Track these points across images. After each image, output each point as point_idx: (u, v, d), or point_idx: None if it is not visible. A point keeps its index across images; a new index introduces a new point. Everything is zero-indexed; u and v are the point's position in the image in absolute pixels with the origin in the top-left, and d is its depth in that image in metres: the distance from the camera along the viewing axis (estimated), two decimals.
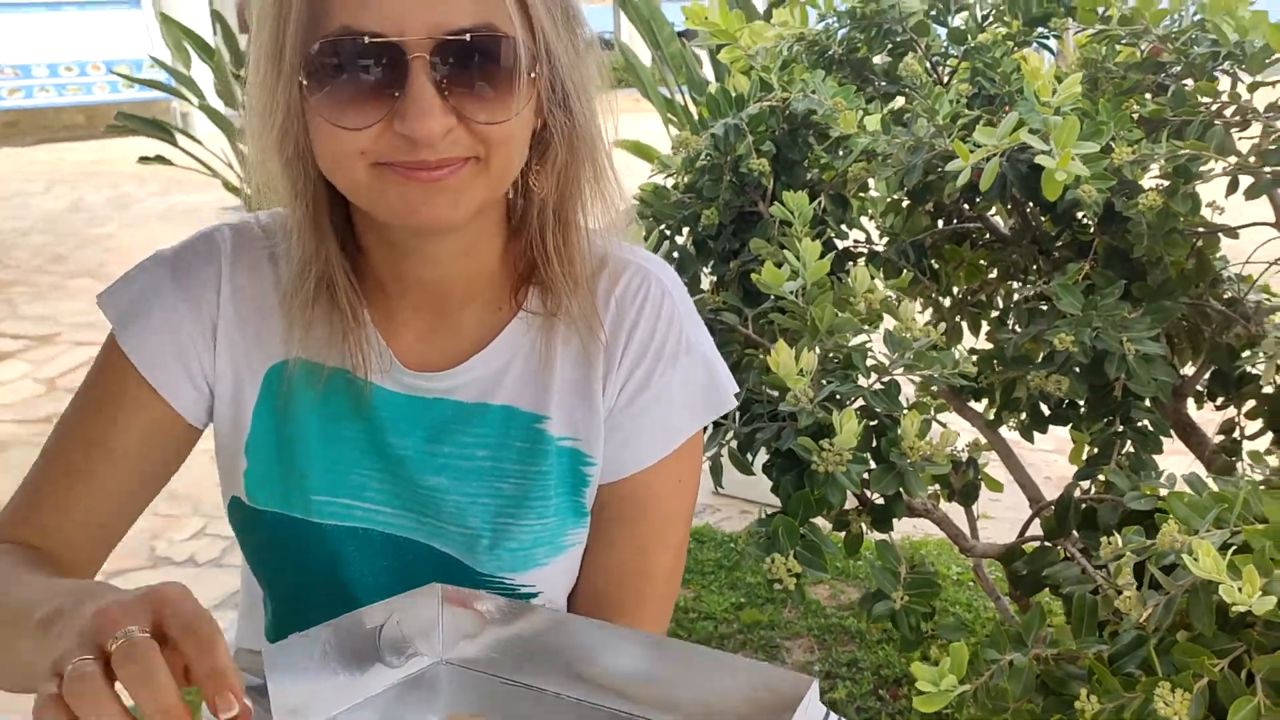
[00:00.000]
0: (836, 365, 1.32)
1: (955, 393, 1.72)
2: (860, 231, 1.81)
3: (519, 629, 0.68)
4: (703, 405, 0.89)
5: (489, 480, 0.86)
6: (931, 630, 1.37)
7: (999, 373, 1.61)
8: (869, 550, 1.38)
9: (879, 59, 1.89)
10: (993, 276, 1.90)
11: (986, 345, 1.76)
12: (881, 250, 1.80)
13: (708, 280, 1.76)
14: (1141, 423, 1.43)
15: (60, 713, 0.51)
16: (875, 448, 1.32)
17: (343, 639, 0.64)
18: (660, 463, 0.88)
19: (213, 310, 0.84)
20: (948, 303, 1.96)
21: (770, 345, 1.43)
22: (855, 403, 1.32)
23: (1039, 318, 1.52)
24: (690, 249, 1.74)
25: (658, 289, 0.88)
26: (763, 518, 1.24)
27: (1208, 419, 1.72)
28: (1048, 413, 1.57)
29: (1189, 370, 1.72)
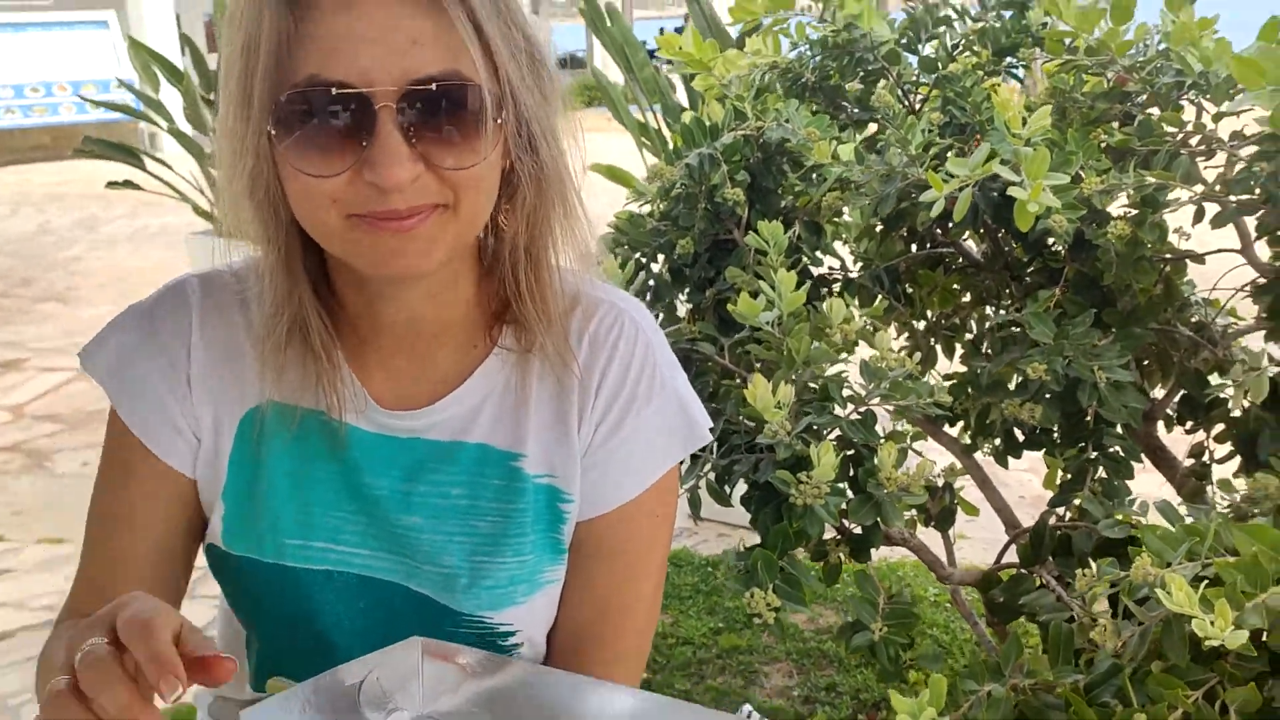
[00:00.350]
0: (813, 396, 1.33)
1: (930, 419, 1.73)
2: (835, 258, 1.82)
3: (499, 682, 0.68)
4: (678, 441, 0.90)
5: (466, 519, 0.86)
6: (910, 660, 1.37)
7: (973, 398, 1.63)
8: (849, 572, 1.39)
9: (852, 86, 1.90)
10: (966, 300, 1.92)
11: (961, 368, 1.78)
12: (856, 276, 1.82)
13: (683, 308, 1.76)
14: (1113, 449, 1.44)
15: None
16: (852, 477, 1.32)
17: (323, 696, 0.64)
18: (637, 498, 0.88)
19: (185, 363, 0.84)
20: (922, 326, 1.97)
21: (747, 375, 1.44)
22: (832, 433, 1.32)
23: (1012, 345, 1.54)
24: (666, 276, 1.75)
25: (631, 327, 0.88)
26: (741, 550, 1.25)
27: (1178, 440, 1.74)
28: (1022, 438, 1.59)
29: (1159, 393, 1.74)
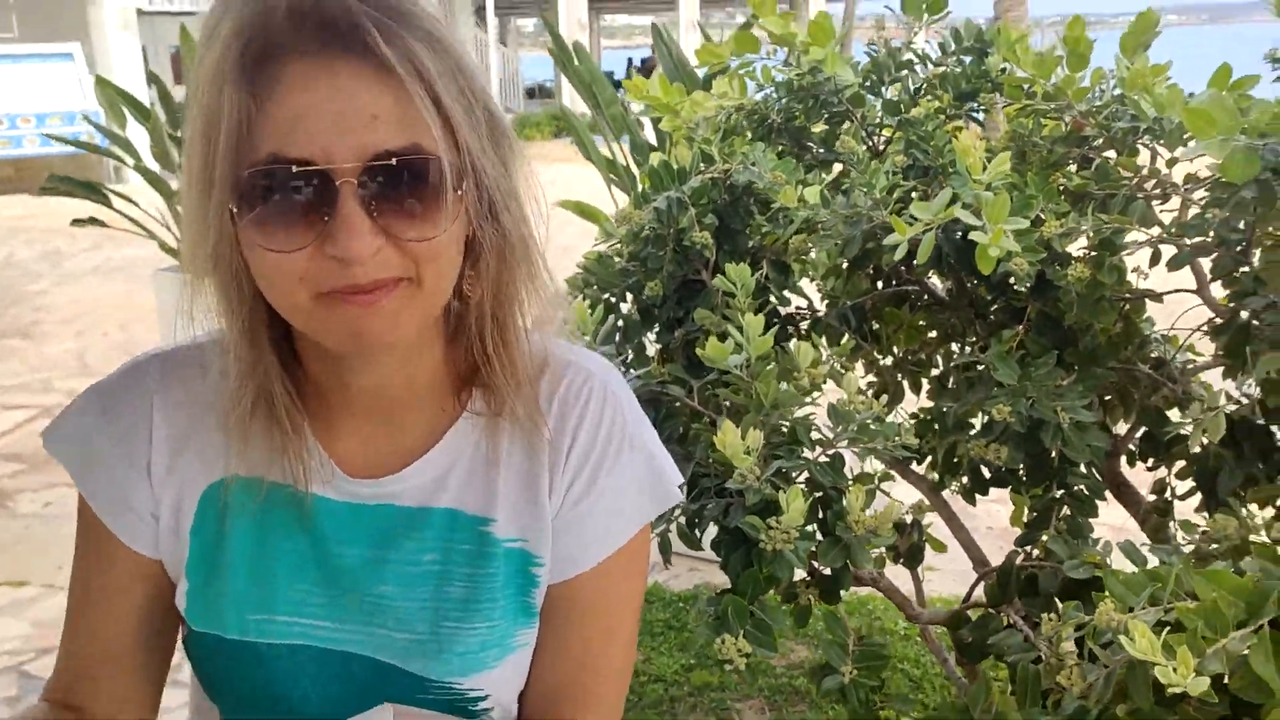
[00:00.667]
0: (782, 440, 1.34)
1: (898, 458, 1.75)
2: (802, 298, 1.84)
3: None
4: (649, 500, 0.90)
5: (436, 585, 0.85)
6: (881, 700, 1.38)
7: (939, 436, 1.65)
8: (820, 609, 1.40)
9: (817, 127, 1.93)
10: (932, 337, 1.94)
11: (928, 403, 1.80)
12: (823, 315, 1.84)
13: (653, 348, 1.78)
14: (1077, 487, 1.47)
15: None
16: (821, 520, 1.33)
17: None
18: (609, 558, 0.88)
19: (145, 446, 0.84)
20: (889, 362, 1.99)
21: (716, 417, 1.45)
22: (801, 475, 1.34)
23: (977, 384, 1.56)
24: (635, 317, 1.76)
25: (600, 388, 0.89)
26: (712, 596, 1.25)
27: (1141, 475, 1.77)
28: (989, 476, 1.61)
29: (1122, 428, 1.77)
